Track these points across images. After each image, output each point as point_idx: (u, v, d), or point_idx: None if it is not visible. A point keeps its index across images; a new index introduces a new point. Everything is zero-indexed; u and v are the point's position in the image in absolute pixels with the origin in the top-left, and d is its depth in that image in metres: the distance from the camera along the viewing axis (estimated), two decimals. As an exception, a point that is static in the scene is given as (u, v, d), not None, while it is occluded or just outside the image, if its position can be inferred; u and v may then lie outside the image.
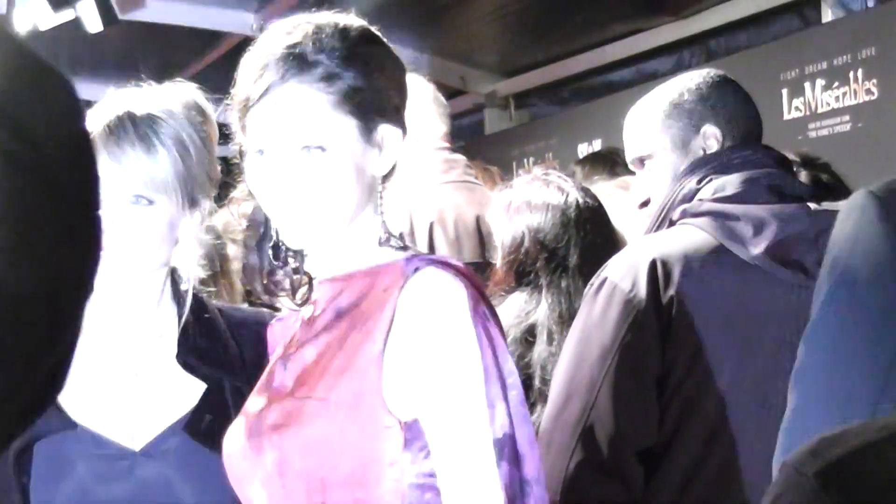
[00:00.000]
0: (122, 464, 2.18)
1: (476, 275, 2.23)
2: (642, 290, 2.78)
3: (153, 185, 2.17)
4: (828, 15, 6.30)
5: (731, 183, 2.86)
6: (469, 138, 9.81)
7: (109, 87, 2.26)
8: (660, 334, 2.79)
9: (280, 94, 2.04)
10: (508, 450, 2.00)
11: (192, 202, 2.25)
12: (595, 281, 2.89)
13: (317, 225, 2.08)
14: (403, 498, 2.01)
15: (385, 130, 2.13)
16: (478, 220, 4.24)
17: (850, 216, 1.76)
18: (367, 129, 2.09)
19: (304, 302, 2.22)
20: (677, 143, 3.03)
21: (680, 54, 7.39)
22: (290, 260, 2.22)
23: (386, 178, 2.19)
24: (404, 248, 2.20)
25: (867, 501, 1.42)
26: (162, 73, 2.29)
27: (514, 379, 2.09)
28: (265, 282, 2.22)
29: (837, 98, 5.93)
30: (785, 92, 6.13)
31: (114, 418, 2.22)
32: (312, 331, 2.16)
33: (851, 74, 5.83)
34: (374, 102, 2.10)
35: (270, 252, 2.21)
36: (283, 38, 2.08)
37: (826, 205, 2.85)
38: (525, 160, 8.66)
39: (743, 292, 2.81)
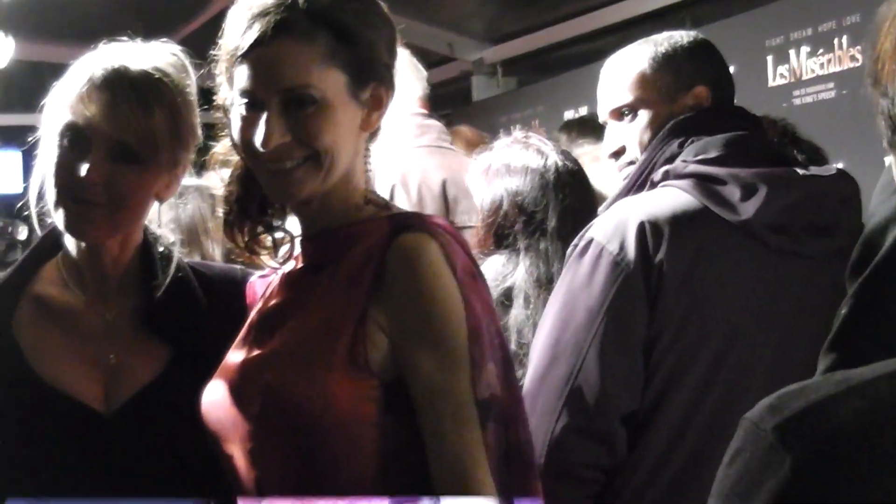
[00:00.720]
0: (91, 427, 2.16)
1: (461, 234, 2.21)
2: (631, 252, 2.73)
3: (145, 141, 2.15)
4: (813, -20, 6.26)
5: (714, 145, 2.81)
6: (456, 105, 9.81)
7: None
8: (648, 299, 2.74)
9: (270, 45, 2.01)
10: (495, 411, 1.99)
11: (175, 162, 2.23)
12: (579, 242, 2.83)
13: (303, 178, 2.05)
14: (385, 458, 2.01)
15: (374, 89, 2.11)
16: (444, 185, 4.25)
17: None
18: (357, 86, 2.07)
19: (286, 260, 2.22)
20: (664, 97, 2.98)
21: (667, 20, 7.37)
22: (273, 218, 2.21)
23: (371, 136, 2.19)
24: (387, 206, 2.19)
25: (822, 453, 1.40)
26: (148, 37, 2.28)
27: (501, 340, 2.09)
28: (247, 239, 2.21)
29: (822, 65, 5.92)
30: (770, 59, 6.13)
31: (85, 380, 2.21)
32: (294, 286, 2.15)
33: (836, 41, 5.81)
34: (364, 59, 2.09)
35: (255, 209, 2.20)
36: None
37: (814, 170, 2.83)
38: (512, 127, 8.60)
39: (731, 257, 2.76)
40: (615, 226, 2.77)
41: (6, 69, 10.50)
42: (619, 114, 3.04)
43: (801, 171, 2.78)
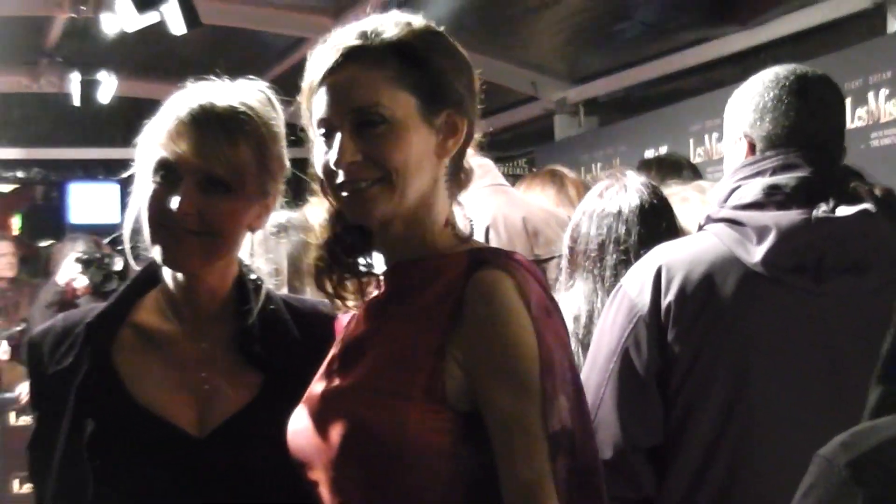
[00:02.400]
0: (186, 450, 2.19)
1: (538, 269, 2.20)
2: (646, 296, 2.80)
3: (232, 172, 2.17)
4: (893, 25, 6.23)
5: (751, 190, 2.82)
6: (539, 143, 9.81)
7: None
8: (660, 338, 2.79)
9: (340, 72, 2.06)
10: (566, 442, 1.99)
11: (264, 192, 2.24)
12: (617, 286, 2.94)
13: (377, 197, 2.06)
14: (461, 487, 2.01)
15: (449, 116, 2.11)
16: (524, 221, 4.28)
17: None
18: (429, 110, 2.08)
19: (368, 294, 2.22)
20: (730, 140, 3.00)
21: (746, 63, 7.33)
22: (360, 263, 2.22)
23: (457, 171, 2.19)
24: (468, 239, 2.19)
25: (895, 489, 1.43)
26: (243, 76, 2.30)
27: (573, 373, 2.09)
28: (335, 286, 2.22)
29: (902, 107, 5.87)
30: (849, 101, 6.07)
31: (179, 405, 2.23)
32: (375, 317, 2.15)
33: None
34: (434, 83, 2.09)
35: (344, 255, 2.21)
36: (348, 30, 2.10)
37: (840, 211, 2.78)
38: (593, 165, 8.64)
39: (747, 297, 2.77)
40: (640, 270, 2.86)
41: (108, 105, 10.63)
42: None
43: (816, 214, 2.74)
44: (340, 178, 2.06)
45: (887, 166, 4.65)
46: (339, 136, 2.05)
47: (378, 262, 2.24)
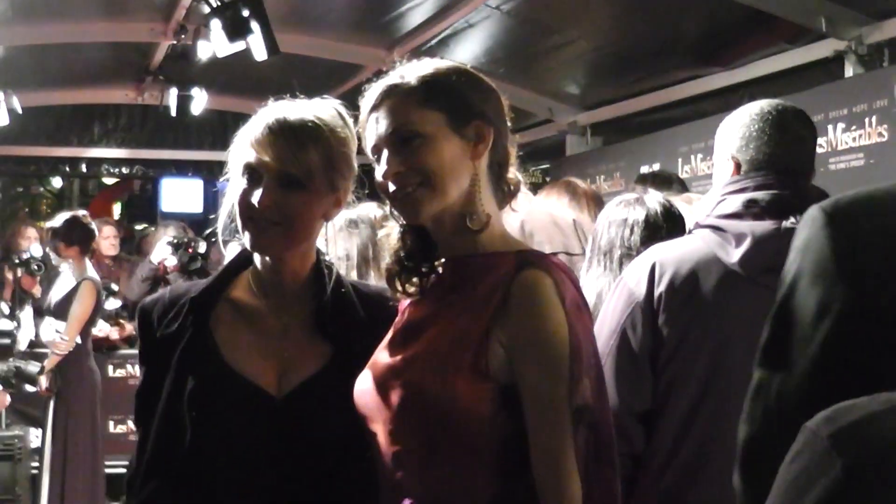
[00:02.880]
0: (267, 409, 2.21)
1: (573, 272, 2.24)
2: (642, 286, 2.88)
3: (303, 170, 2.19)
4: (849, 71, 6.24)
5: (733, 203, 2.88)
6: (553, 158, 9.82)
7: (265, 103, 2.30)
8: (652, 322, 2.86)
9: (380, 107, 2.13)
10: (587, 417, 2.01)
11: (334, 188, 2.26)
12: (619, 277, 3.03)
13: (421, 198, 2.10)
14: (496, 445, 2.03)
15: (477, 127, 2.13)
16: (522, 224, 4.26)
17: (804, 227, 1.74)
18: (457, 123, 2.11)
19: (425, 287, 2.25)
20: (720, 158, 3.05)
21: (727, 98, 7.31)
22: (424, 265, 2.24)
23: (501, 181, 2.21)
24: (514, 241, 2.23)
25: (871, 458, 1.43)
26: (309, 96, 2.32)
27: (597, 360, 2.11)
28: (403, 286, 2.25)
29: (854, 139, 5.87)
30: (810, 132, 6.07)
31: (263, 369, 2.25)
32: (432, 303, 2.18)
33: (867, 120, 5.74)
34: (459, 102, 2.13)
35: (412, 263, 2.24)
36: (391, 74, 2.17)
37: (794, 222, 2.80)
38: (598, 177, 8.65)
39: (726, 291, 2.82)
40: (638, 265, 2.95)
41: (199, 116, 10.69)
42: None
43: (785, 224, 2.78)
44: (391, 188, 2.11)
45: (842, 186, 4.62)
46: (384, 155, 2.11)
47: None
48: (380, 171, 2.12)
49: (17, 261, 7.93)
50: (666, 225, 3.39)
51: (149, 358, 2.34)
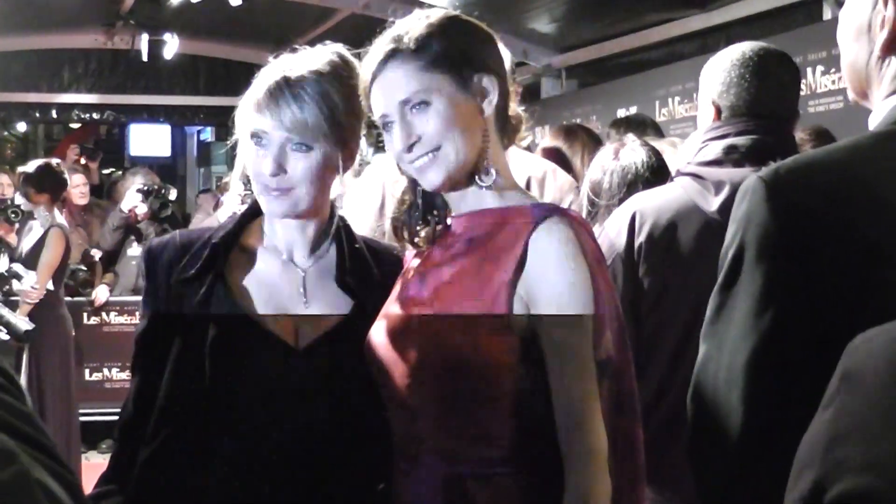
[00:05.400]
0: (287, 359, 2.21)
1: (588, 224, 2.26)
2: (622, 237, 2.88)
3: (307, 132, 2.17)
4: (828, 13, 6.21)
5: (713, 150, 2.85)
6: (528, 102, 9.78)
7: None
8: (633, 272, 2.87)
9: (383, 76, 2.11)
10: (610, 369, 2.03)
11: (343, 143, 2.23)
12: (601, 228, 2.99)
13: (440, 165, 2.10)
14: (517, 397, 2.04)
15: (479, 80, 2.13)
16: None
17: (744, 197, 1.73)
18: (461, 80, 2.10)
19: (434, 241, 2.24)
20: (703, 103, 2.99)
21: (704, 40, 7.29)
22: (433, 215, 2.24)
23: (504, 129, 2.20)
24: (525, 194, 2.23)
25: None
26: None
27: (617, 312, 2.12)
28: (409, 236, 2.26)
29: (833, 81, 5.87)
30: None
31: (284, 322, 2.25)
32: (448, 255, 2.17)
33: (845, 62, 5.74)
34: (460, 58, 2.11)
35: (418, 214, 2.24)
36: (384, 36, 2.14)
37: None
38: (574, 121, 8.61)
39: (706, 239, 2.79)
40: (619, 216, 2.94)
41: (171, 61, 10.63)
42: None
43: None
44: (407, 158, 2.10)
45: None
46: (395, 126, 2.09)
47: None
48: (393, 141, 2.12)
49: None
50: (664, 172, 3.37)
51: (157, 303, 2.30)
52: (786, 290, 1.66)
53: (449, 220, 2.22)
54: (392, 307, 2.18)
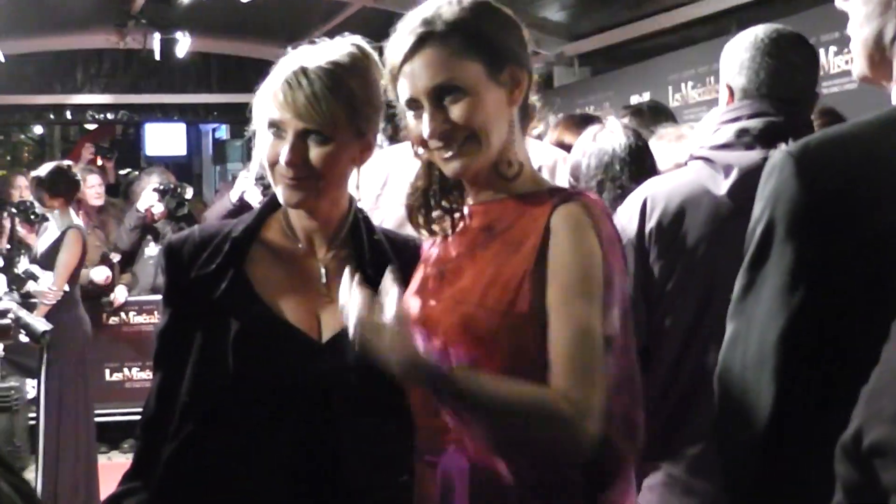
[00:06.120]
0: (310, 353, 2.21)
1: (606, 206, 2.26)
2: (634, 223, 2.87)
3: (325, 123, 2.17)
4: (840, -7, 6.15)
5: (726, 133, 2.84)
6: (540, 91, 9.77)
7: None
8: (644, 258, 2.86)
9: (415, 57, 2.09)
10: (615, 346, 2.03)
11: (360, 133, 2.23)
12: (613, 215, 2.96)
13: (468, 154, 2.10)
14: (537, 370, 2.01)
15: (511, 71, 2.12)
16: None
17: (771, 173, 1.72)
18: (493, 70, 2.09)
19: (455, 230, 2.24)
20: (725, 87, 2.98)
21: (717, 24, 7.26)
22: (451, 200, 2.24)
23: (524, 116, 2.20)
24: (542, 181, 2.24)
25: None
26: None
27: (625, 294, 2.13)
28: (425, 221, 2.26)
29: (847, 62, 5.83)
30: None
31: (304, 314, 2.25)
32: (468, 243, 2.18)
33: (855, 41, 5.72)
34: (493, 48, 2.10)
35: (435, 198, 2.24)
36: (413, 17, 2.12)
37: None
38: (587, 109, 8.60)
39: (716, 224, 2.81)
40: (631, 201, 2.94)
41: (183, 59, 10.64)
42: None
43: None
44: (435, 145, 2.10)
45: (837, 110, 4.63)
46: (426, 112, 2.08)
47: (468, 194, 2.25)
48: (422, 127, 2.10)
49: (13, 210, 7.89)
50: (645, 155, 3.37)
51: (178, 298, 2.30)
52: (817, 266, 1.66)
53: (466, 209, 2.22)
54: (412, 298, 2.18)
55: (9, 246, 7.88)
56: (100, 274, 8.62)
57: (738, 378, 1.76)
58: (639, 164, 3.31)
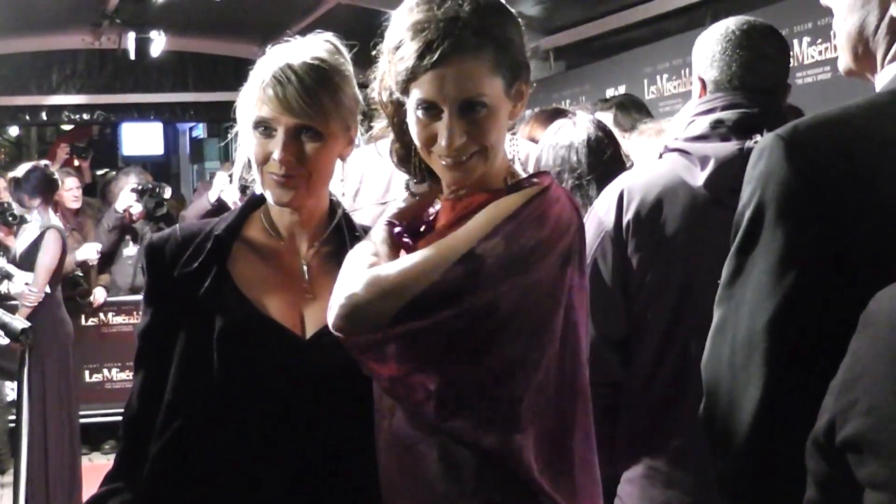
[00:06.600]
0: (294, 349, 2.22)
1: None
2: (611, 215, 2.86)
3: (316, 119, 2.17)
4: (812, -16, 6.17)
5: (700, 125, 2.85)
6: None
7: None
8: (622, 251, 2.85)
9: (447, 63, 1.98)
10: (548, 357, 2.06)
11: (347, 127, 2.25)
12: (591, 207, 2.99)
13: (474, 166, 2.07)
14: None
15: (519, 85, 2.10)
16: None
17: (760, 157, 1.72)
18: (509, 86, 2.07)
19: (431, 217, 2.25)
20: (694, 77, 2.99)
21: (690, 16, 7.28)
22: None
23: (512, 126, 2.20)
24: (516, 173, 2.20)
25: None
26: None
27: (575, 284, 2.13)
28: (416, 167, 2.24)
29: (820, 52, 5.86)
30: (777, 47, 6.05)
31: (287, 311, 2.26)
32: (433, 235, 2.16)
33: (832, 33, 5.71)
34: (515, 63, 2.07)
35: (411, 160, 2.23)
36: (436, 16, 2.01)
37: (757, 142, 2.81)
38: (563, 102, 8.61)
39: (693, 214, 2.81)
40: (608, 194, 2.93)
41: (159, 58, 10.60)
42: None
43: (748, 144, 2.74)
44: (445, 151, 2.04)
45: (809, 100, 4.64)
46: (446, 120, 2.02)
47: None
48: (440, 136, 2.03)
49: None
50: (603, 148, 3.39)
51: (160, 297, 2.29)
52: (809, 248, 1.66)
53: (438, 204, 2.23)
54: None
55: (-14, 248, 7.82)
56: (88, 251, 8.55)
57: (727, 364, 1.75)
58: (597, 154, 3.35)
